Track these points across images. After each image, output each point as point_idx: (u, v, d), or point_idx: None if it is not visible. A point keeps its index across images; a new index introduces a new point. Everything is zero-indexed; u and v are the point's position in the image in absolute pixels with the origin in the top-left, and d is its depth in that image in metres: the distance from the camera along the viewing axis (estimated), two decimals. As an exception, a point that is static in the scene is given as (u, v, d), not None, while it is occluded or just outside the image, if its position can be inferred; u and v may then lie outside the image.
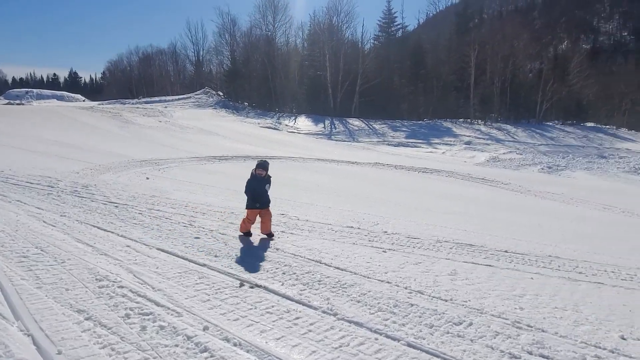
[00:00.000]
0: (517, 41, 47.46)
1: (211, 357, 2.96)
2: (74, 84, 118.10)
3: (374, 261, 5.41)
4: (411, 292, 4.40)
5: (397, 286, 4.55)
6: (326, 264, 5.17)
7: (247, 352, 3.04)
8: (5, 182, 9.25)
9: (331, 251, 5.72)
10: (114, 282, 4.16)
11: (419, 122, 44.02)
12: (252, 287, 4.33)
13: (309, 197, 10.59)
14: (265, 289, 4.29)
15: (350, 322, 3.64)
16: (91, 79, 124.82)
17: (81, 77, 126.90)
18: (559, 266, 5.90)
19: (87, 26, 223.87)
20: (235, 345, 3.12)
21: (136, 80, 70.97)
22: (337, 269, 5.03)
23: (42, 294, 3.78)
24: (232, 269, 4.80)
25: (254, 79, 53.18)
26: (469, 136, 37.19)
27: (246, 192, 6.15)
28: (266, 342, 3.19)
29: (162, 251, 5.29)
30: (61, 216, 6.72)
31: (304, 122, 43.49)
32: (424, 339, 3.38)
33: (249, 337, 3.25)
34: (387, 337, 3.40)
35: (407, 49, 52.42)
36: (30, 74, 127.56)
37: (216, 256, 5.21)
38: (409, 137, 37.86)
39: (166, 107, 43.56)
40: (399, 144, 34.96)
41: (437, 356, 3.15)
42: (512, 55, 45.23)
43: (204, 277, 4.49)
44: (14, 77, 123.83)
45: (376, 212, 8.99)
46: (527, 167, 26.34)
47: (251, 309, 3.79)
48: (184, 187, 10.40)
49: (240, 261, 5.10)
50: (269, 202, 6.25)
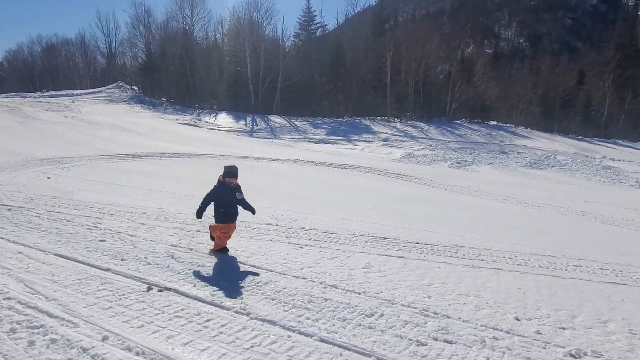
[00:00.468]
0: (429, 44, 50.21)
1: (110, 369, 2.74)
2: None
3: (290, 257, 5.39)
4: (326, 287, 4.43)
5: (313, 281, 4.56)
6: (242, 262, 5.06)
7: (151, 360, 2.86)
8: None
9: (247, 249, 5.61)
10: (-2, 294, 3.72)
11: (339, 119, 44.94)
12: (160, 291, 4.10)
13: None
14: (175, 291, 4.08)
15: (263, 320, 3.57)
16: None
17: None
18: (464, 255, 6.30)
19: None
20: (137, 354, 2.91)
21: (39, 72, 64.59)
22: (253, 266, 4.94)
23: None
24: (139, 272, 4.51)
25: (171, 74, 50.89)
26: (386, 133, 38.68)
27: (208, 201, 5.36)
28: (172, 349, 3.02)
29: (61, 257, 4.83)
30: (-64, 222, 5.90)
31: (224, 119, 42.50)
32: (337, 333, 3.41)
33: (153, 344, 3.05)
34: (300, 333, 3.38)
35: (327, 48, 53.29)
36: None
37: (122, 260, 4.86)
38: (329, 134, 38.49)
39: (73, 102, 40.18)
40: (319, 141, 35.42)
41: (349, 349, 3.19)
42: (424, 57, 47.74)
43: (107, 282, 4.17)
44: None
45: (295, 208, 9.01)
46: (438, 162, 28.00)
47: (158, 314, 3.58)
48: (91, 187, 9.65)
49: (148, 264, 4.81)
50: (238, 213, 5.58)
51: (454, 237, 7.44)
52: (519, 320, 3.98)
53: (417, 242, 6.64)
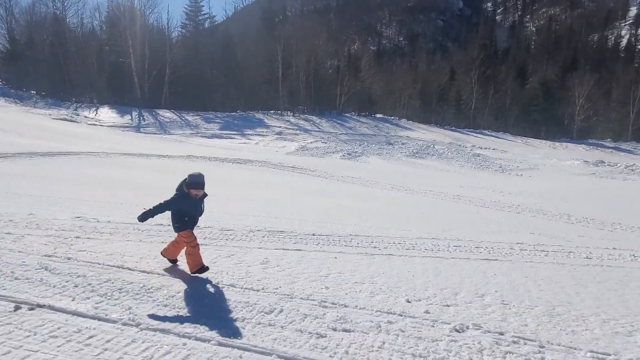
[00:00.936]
0: (318, 39, 51.44)
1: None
2: None
3: (184, 259, 5.09)
4: (223, 287, 4.27)
5: (209, 283, 4.37)
6: (129, 269, 4.63)
7: (19, 393, 2.47)
8: None
9: (136, 253, 5.18)
10: None
11: (233, 113, 44.09)
12: (32, 309, 3.57)
13: (113, 195, 9.48)
14: (50, 308, 3.59)
15: (155, 330, 3.30)
16: None
17: None
18: (358, 243, 6.55)
19: None
20: (0, 389, 2.50)
21: None
22: (143, 272, 4.56)
23: None
24: (4, 289, 3.89)
25: (41, 64, 45.21)
26: (280, 127, 38.87)
27: (161, 210, 4.48)
28: (46, 376, 2.65)
29: None
30: None
31: (107, 114, 39.14)
32: (235, 335, 3.29)
33: (21, 374, 2.65)
34: (197, 339, 3.19)
35: (217, 40, 51.82)
36: None
37: (-21, 278, 4.16)
38: (223, 128, 37.65)
39: None
40: (213, 136, 34.42)
41: (248, 350, 3.09)
42: (313, 51, 48.82)
43: (-42, 308, 3.53)
44: None
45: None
46: (331, 154, 28.90)
47: (29, 336, 3.11)
48: None
49: (16, 279, 4.17)
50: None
51: (348, 227, 7.70)
52: (409, 302, 4.23)
53: (313, 234, 6.73)
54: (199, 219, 4.81)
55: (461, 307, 4.19)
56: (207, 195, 4.64)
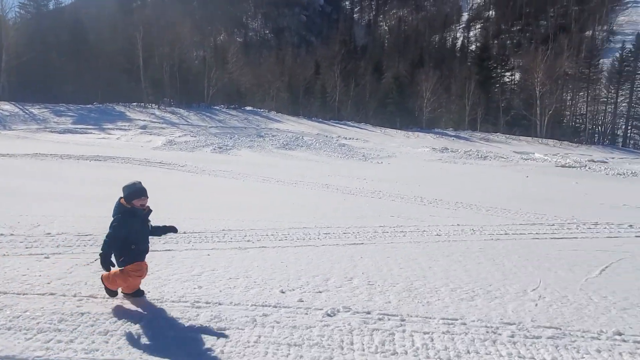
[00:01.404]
0: (181, 28, 48.97)
1: None
2: None
3: (32, 272, 4.50)
4: (81, 299, 3.87)
5: (64, 296, 3.93)
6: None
7: None
8: None
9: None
10: None
11: (88, 106, 39.79)
12: None
13: None
14: None
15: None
16: None
17: None
18: (231, 238, 6.48)
19: None
20: None
21: None
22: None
23: None
24: None
25: None
26: (144, 120, 36.29)
27: (116, 240, 3.68)
28: None
29: None
30: None
31: None
32: (98, 350, 3.02)
33: None
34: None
35: (65, 24, 46.07)
36: None
37: None
38: (77, 122, 33.91)
39: None
40: (65, 131, 30.76)
41: (115, 364, 2.88)
42: (177, 41, 46.38)
43: None
44: None
45: (37, 211, 7.54)
46: (201, 148, 27.92)
47: None
48: None
49: None
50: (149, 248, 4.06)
51: (221, 222, 7.56)
52: (284, 292, 4.34)
53: (184, 232, 6.45)
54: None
55: (332, 292, 4.43)
56: (151, 210, 3.94)
